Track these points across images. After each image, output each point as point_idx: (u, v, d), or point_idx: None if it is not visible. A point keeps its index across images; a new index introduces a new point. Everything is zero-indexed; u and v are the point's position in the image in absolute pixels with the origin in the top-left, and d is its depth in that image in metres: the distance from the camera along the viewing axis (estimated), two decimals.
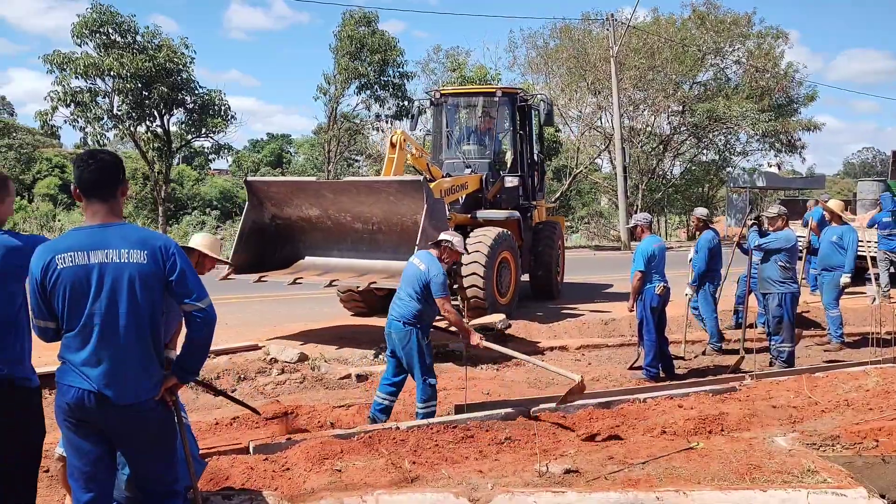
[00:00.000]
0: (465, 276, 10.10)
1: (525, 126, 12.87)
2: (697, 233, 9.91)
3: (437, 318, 6.46)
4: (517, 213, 11.82)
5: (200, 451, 5.01)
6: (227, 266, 9.61)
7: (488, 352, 8.12)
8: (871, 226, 13.38)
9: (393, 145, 10.45)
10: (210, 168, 55.06)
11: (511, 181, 12.33)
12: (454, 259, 6.43)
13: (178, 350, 3.40)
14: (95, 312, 3.02)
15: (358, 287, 9.77)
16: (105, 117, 19.94)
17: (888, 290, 12.93)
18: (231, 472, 4.68)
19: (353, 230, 10.05)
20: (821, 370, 7.51)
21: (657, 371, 8.06)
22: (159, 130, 21.52)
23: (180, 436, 3.33)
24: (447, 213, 9.88)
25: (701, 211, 10.13)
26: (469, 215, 11.43)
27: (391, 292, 11.53)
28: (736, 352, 8.92)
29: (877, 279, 11.94)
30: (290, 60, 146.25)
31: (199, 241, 4.47)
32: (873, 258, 12.56)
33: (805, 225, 12.18)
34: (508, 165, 12.70)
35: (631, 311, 8.33)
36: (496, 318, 8.94)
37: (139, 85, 19.54)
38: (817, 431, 5.37)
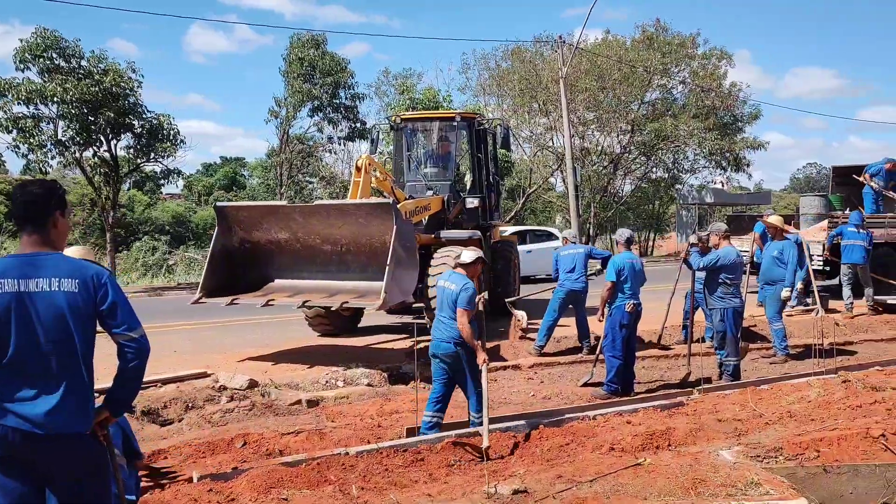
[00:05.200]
0: (432, 295, 10.17)
1: (483, 149, 13.28)
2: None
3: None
4: (479, 233, 12.12)
5: (142, 484, 4.91)
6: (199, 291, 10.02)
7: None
8: None
9: (359, 169, 10.62)
10: (162, 193, 54.22)
11: (472, 202, 12.77)
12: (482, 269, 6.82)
13: None
14: (24, 342, 2.95)
15: (331, 307, 9.99)
16: (49, 144, 19.48)
17: (851, 304, 13.23)
18: (174, 503, 4.58)
19: (323, 252, 10.27)
20: (765, 382, 7.66)
21: (618, 387, 8.11)
22: (107, 156, 21.09)
23: (113, 472, 3.23)
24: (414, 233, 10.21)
25: (568, 233, 11.55)
26: (433, 235, 11.69)
27: (358, 312, 11.81)
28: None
29: (819, 292, 12.26)
30: (253, 83, 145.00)
31: (75, 252, 4.44)
32: (816, 271, 12.89)
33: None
34: (468, 187, 13.12)
35: (600, 321, 8.42)
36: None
37: (84, 110, 19.16)
38: (761, 444, 5.46)
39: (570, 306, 10.37)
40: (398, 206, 9.98)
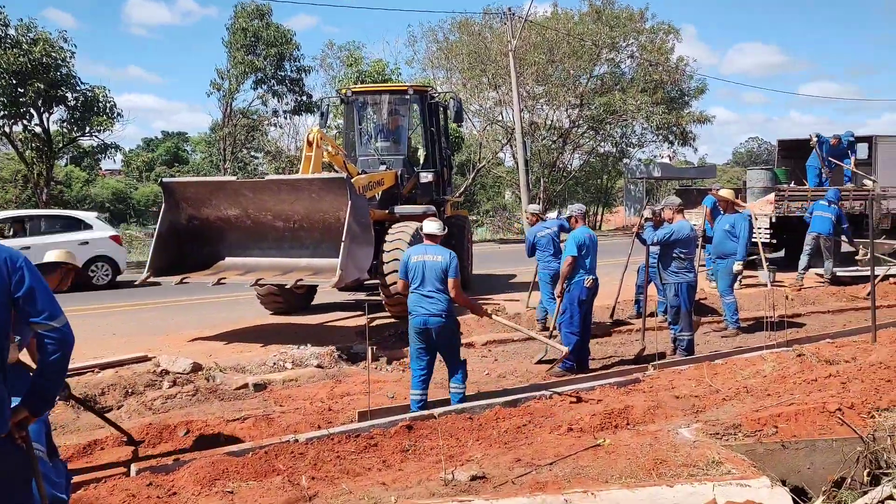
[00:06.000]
0: (387, 271, 10.15)
1: (435, 123, 13.16)
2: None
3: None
4: (433, 208, 12.03)
5: (75, 479, 4.60)
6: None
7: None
8: None
9: (310, 143, 10.41)
10: (101, 169, 52.50)
11: (426, 177, 12.70)
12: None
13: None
14: None
15: (285, 285, 9.86)
16: None
17: (804, 274, 13.48)
18: (110, 500, 4.27)
19: (274, 228, 10.09)
20: (720, 357, 7.64)
21: (573, 364, 8.02)
22: (38, 129, 20.12)
23: (34, 476, 2.92)
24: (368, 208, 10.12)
25: (532, 207, 10.51)
26: (386, 210, 11.56)
27: (311, 289, 11.53)
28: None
29: (767, 264, 12.43)
30: (196, 56, 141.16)
31: (56, 256, 4.13)
32: (764, 244, 13.06)
33: None
34: (421, 161, 12.99)
35: (560, 295, 8.26)
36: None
37: (13, 81, 18.19)
38: (719, 420, 5.39)
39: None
40: (352, 180, 9.76)
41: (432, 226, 6.60)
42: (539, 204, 12.37)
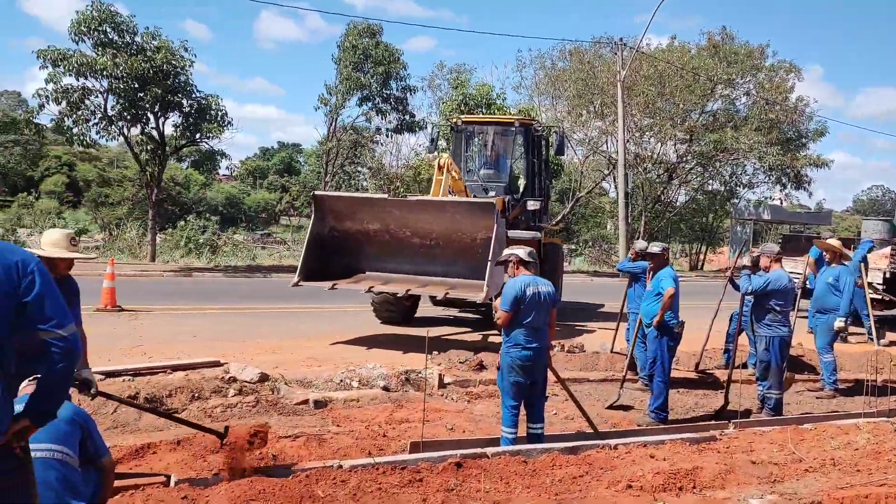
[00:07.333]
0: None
1: (538, 154, 13.64)
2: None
3: None
4: (539, 234, 12.45)
5: (116, 484, 4.57)
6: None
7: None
8: None
9: (440, 168, 11.02)
10: (218, 173, 54.94)
11: (534, 205, 13.15)
12: None
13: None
14: None
15: (436, 297, 10.71)
16: (94, 118, 19.53)
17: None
18: None
19: (411, 245, 10.80)
20: (809, 421, 7.01)
21: (666, 415, 7.59)
22: (154, 133, 21.14)
23: (30, 491, 2.82)
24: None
25: (640, 244, 9.64)
26: None
27: (415, 303, 12.52)
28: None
29: (875, 323, 11.50)
30: (317, 72, 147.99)
31: (44, 239, 4.11)
32: (873, 300, 12.09)
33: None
34: (521, 190, 13.47)
35: (657, 326, 7.70)
36: None
37: (135, 85, 19.17)
38: (797, 494, 4.88)
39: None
40: None
41: (525, 252, 6.34)
42: (643, 240, 12.00)
